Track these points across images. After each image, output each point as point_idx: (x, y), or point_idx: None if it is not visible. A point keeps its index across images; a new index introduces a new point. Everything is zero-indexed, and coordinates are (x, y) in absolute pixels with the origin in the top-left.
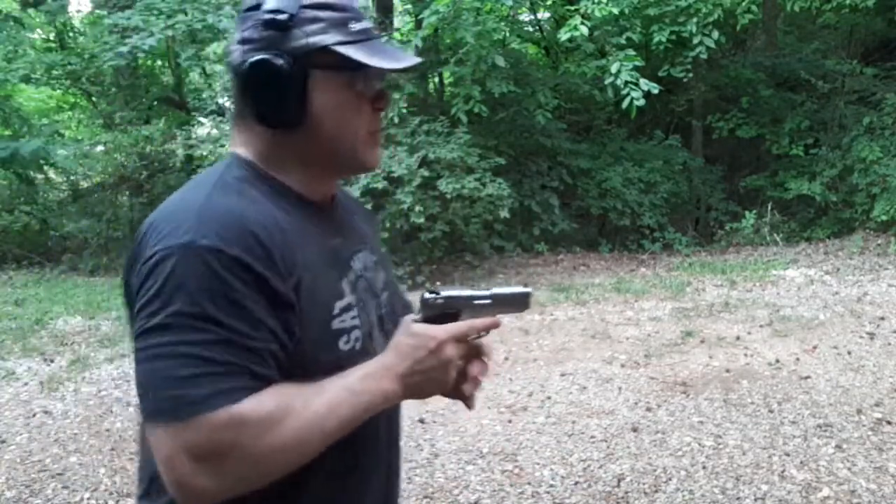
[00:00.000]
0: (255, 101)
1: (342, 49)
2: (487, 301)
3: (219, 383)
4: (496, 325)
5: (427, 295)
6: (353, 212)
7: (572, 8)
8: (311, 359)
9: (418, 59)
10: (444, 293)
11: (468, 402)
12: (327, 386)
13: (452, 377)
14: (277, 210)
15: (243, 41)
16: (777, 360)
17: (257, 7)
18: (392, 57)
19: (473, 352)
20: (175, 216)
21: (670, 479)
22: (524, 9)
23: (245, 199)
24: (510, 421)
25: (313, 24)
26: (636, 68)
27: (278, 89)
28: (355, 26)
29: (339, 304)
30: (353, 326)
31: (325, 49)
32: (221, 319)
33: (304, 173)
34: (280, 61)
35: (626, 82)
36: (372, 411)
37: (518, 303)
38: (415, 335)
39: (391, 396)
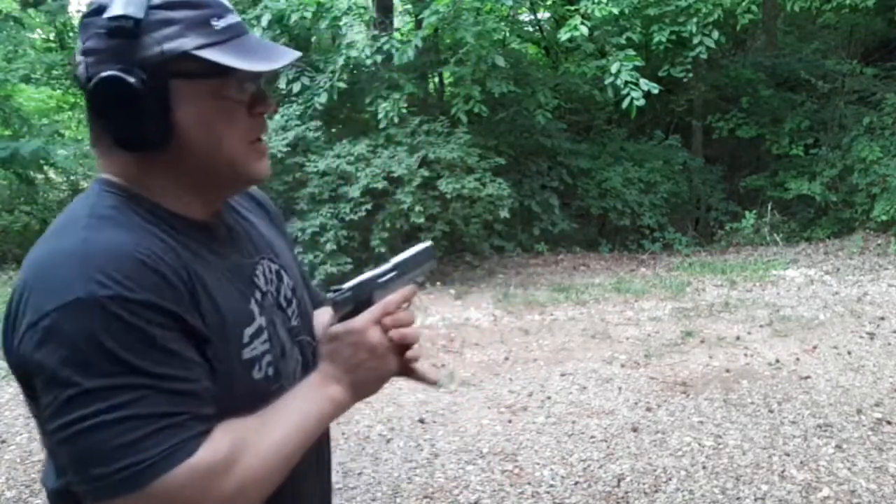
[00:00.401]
0: (109, 124)
1: (204, 53)
2: (393, 274)
3: (169, 439)
4: (413, 294)
5: (332, 296)
6: (241, 209)
7: (572, 8)
8: (226, 392)
9: (296, 54)
10: (348, 285)
11: (419, 376)
12: (276, 410)
13: (391, 360)
14: (165, 237)
15: (87, 52)
16: (777, 360)
17: (100, 11)
18: (266, 55)
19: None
20: (55, 268)
21: (670, 479)
22: (524, 9)
23: (127, 230)
24: (510, 421)
25: (167, 27)
26: (636, 68)
27: (133, 109)
28: (218, 24)
29: (248, 331)
30: (265, 352)
31: (184, 55)
32: (149, 370)
33: (183, 194)
34: (131, 77)
35: (626, 82)
36: (327, 422)
37: (424, 260)
38: (335, 336)
39: (341, 401)
